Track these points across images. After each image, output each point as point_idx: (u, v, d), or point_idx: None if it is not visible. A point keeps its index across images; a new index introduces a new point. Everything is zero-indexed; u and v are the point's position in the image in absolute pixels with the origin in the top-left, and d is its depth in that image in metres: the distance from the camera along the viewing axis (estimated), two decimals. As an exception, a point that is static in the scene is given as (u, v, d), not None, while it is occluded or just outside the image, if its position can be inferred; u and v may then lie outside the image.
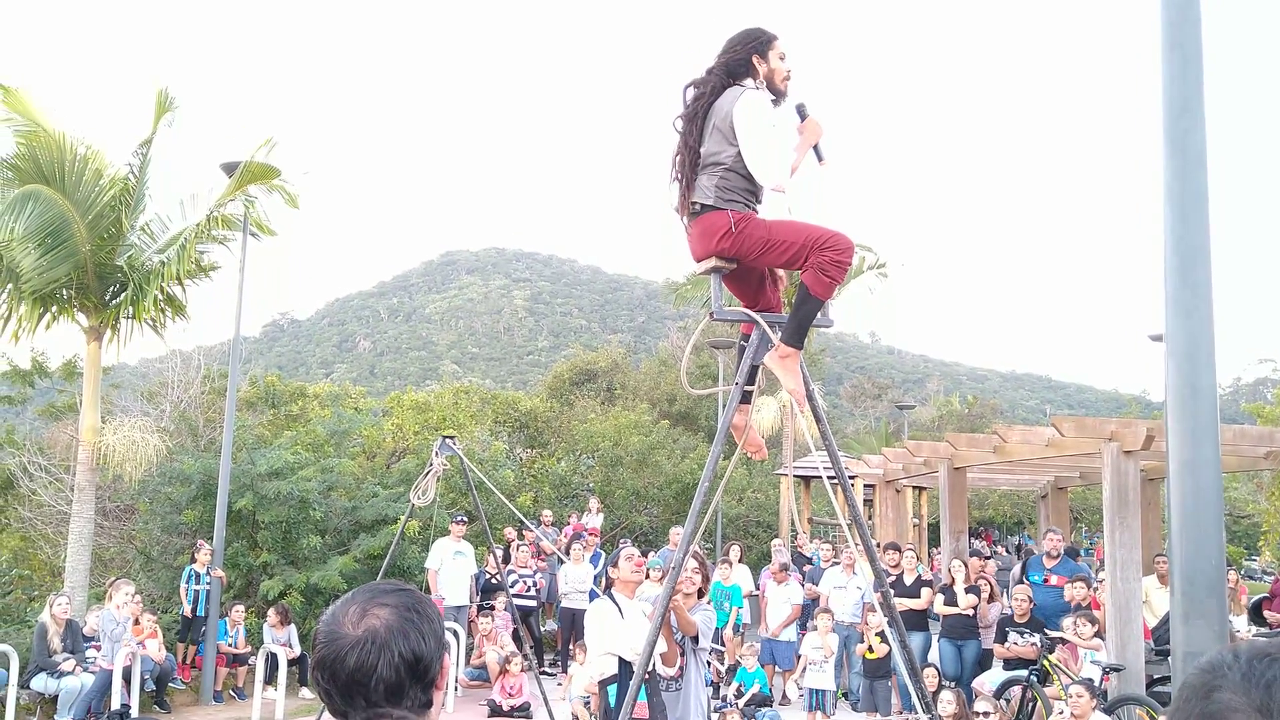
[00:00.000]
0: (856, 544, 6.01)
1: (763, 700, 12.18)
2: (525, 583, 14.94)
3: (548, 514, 18.66)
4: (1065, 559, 12.52)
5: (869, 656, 11.48)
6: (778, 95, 4.89)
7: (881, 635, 11.47)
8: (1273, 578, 14.72)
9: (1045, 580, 12.10)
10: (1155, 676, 10.60)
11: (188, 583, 13.48)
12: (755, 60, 4.85)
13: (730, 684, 12.48)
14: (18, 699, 11.00)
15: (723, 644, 13.37)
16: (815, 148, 4.90)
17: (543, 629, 16.16)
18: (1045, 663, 10.32)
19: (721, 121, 4.75)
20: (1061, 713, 8.68)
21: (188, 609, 13.40)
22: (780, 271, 5.26)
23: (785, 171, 4.77)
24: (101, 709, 11.15)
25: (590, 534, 17.22)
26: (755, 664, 12.42)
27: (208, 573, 13.39)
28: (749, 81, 4.84)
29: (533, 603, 15.04)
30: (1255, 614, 12.82)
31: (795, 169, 4.90)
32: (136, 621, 11.99)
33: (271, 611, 13.57)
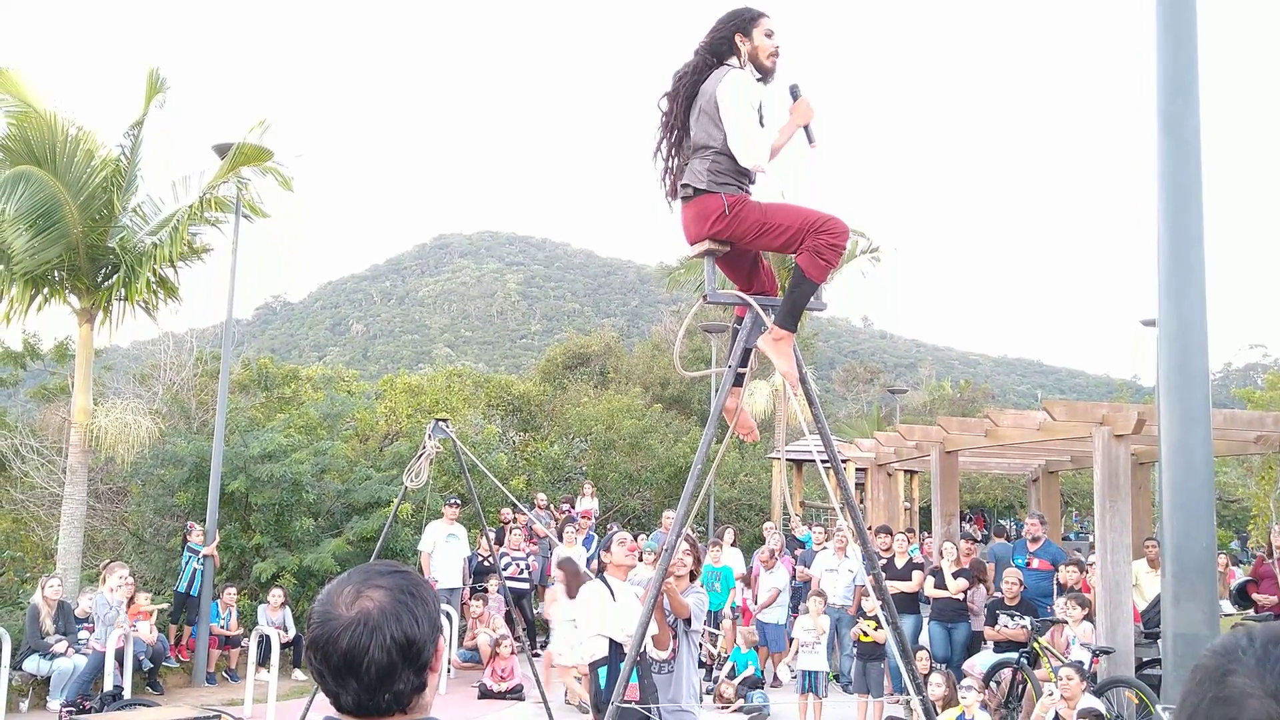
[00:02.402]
0: (848, 527, 6.03)
1: (754, 682, 12.23)
2: (518, 565, 14.97)
3: (542, 497, 18.68)
4: (1048, 543, 12.58)
5: (864, 639, 11.53)
6: (764, 73, 4.86)
7: (877, 620, 11.50)
8: (1255, 559, 14.77)
9: (1028, 564, 12.17)
10: (1144, 659, 10.66)
11: (186, 562, 13.52)
12: (738, 39, 4.83)
13: (723, 666, 12.54)
14: (10, 680, 11.00)
15: (718, 627, 13.42)
16: (806, 129, 4.88)
17: (535, 611, 16.21)
18: (1035, 645, 10.37)
19: (708, 104, 4.74)
20: (1051, 694, 8.74)
21: (184, 585, 13.44)
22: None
23: (765, 152, 4.75)
24: (91, 691, 11.17)
25: (583, 517, 17.25)
26: (748, 646, 12.47)
27: (200, 547, 13.44)
28: (733, 61, 4.83)
29: (525, 585, 15.08)
30: (1241, 596, 12.88)
31: (780, 149, 4.88)
32: (132, 600, 12.02)
33: (278, 592, 13.60)
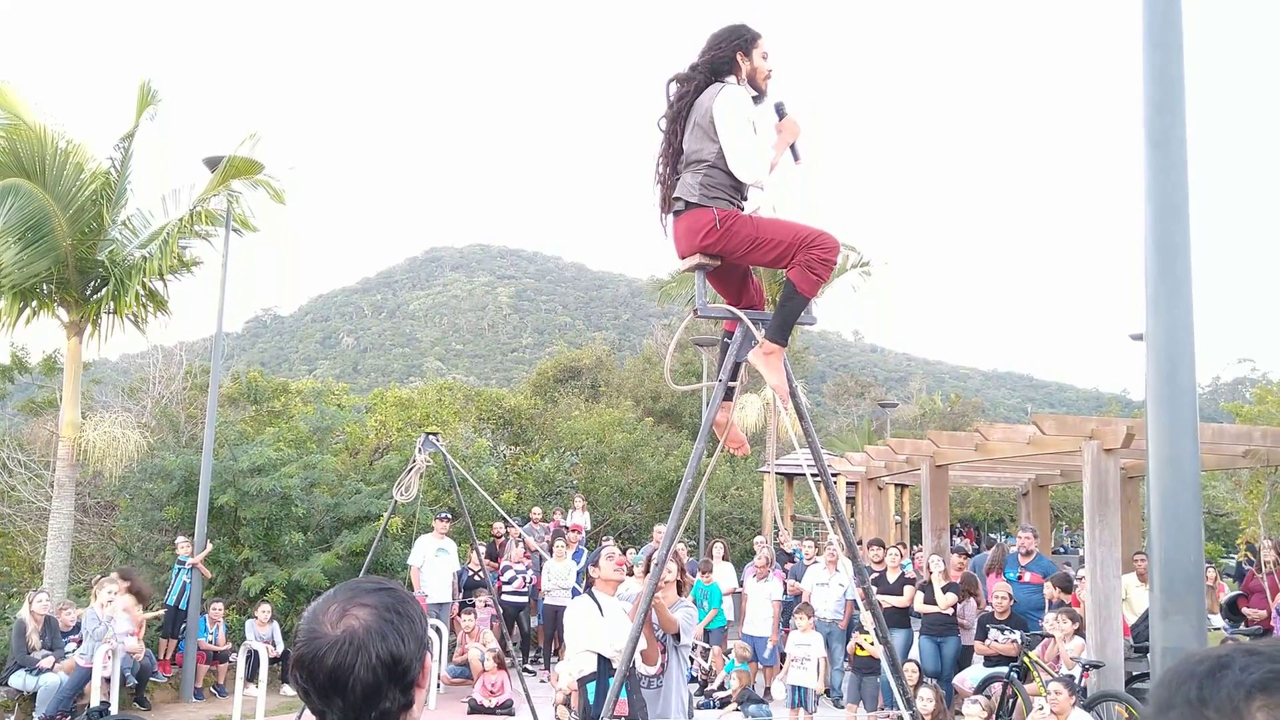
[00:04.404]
0: (839, 541, 6.03)
1: (751, 697, 12.22)
2: (522, 579, 14.97)
3: (537, 511, 18.64)
4: (1039, 557, 12.57)
5: (859, 654, 11.50)
6: (759, 93, 4.90)
7: (873, 634, 11.48)
8: (1245, 574, 14.80)
9: (1020, 577, 12.16)
10: (1134, 673, 10.66)
11: (176, 574, 13.47)
12: (739, 57, 4.86)
13: (715, 680, 12.51)
14: (-4, 696, 10.93)
15: (707, 643, 13.39)
16: (792, 147, 4.90)
17: (531, 626, 16.15)
18: (1025, 659, 10.36)
19: (702, 118, 4.75)
20: (1042, 709, 8.73)
21: (173, 599, 13.37)
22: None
23: (765, 167, 4.77)
24: (70, 708, 11.09)
25: (573, 530, 17.20)
26: (741, 659, 12.45)
27: (189, 559, 13.39)
28: (730, 79, 4.84)
29: (525, 598, 15.00)
30: (1231, 610, 12.90)
31: (774, 167, 4.90)
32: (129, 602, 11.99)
33: (267, 606, 13.53)
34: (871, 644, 11.32)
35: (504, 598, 14.88)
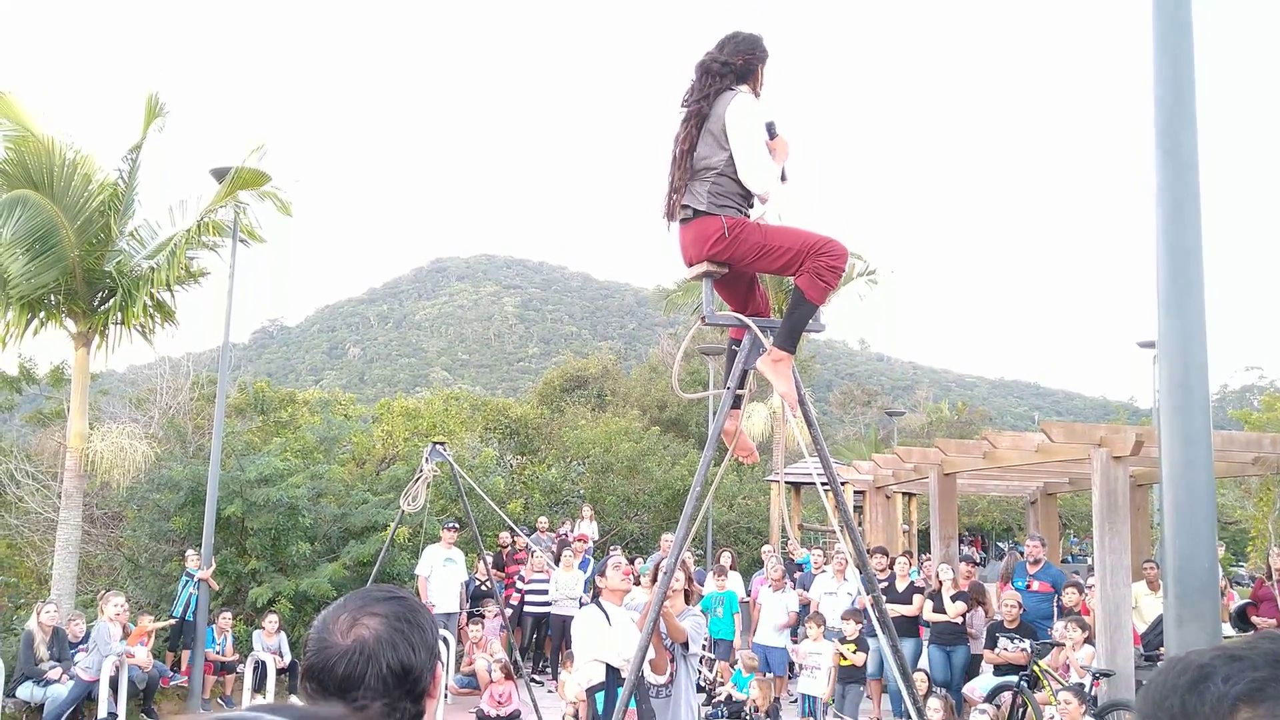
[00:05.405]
0: (848, 549, 6.00)
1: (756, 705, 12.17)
2: (521, 593, 14.93)
3: (544, 521, 18.62)
4: (1047, 565, 12.53)
5: (842, 663, 11.44)
6: None
7: (856, 643, 11.42)
8: (1255, 581, 14.73)
9: (1028, 586, 12.12)
10: (1145, 682, 10.60)
11: (184, 586, 13.46)
12: (760, 69, 4.87)
13: (721, 692, 12.46)
14: (3, 707, 10.92)
15: (714, 654, 13.32)
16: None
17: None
18: (1035, 668, 10.31)
19: (714, 124, 4.72)
20: (1052, 718, 8.69)
21: (180, 610, 13.36)
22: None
23: (774, 177, 4.76)
24: (84, 716, 11.08)
25: (578, 540, 17.17)
26: (747, 670, 12.40)
27: (196, 572, 13.38)
28: (744, 87, 4.83)
29: (547, 609, 14.92)
30: (1240, 619, 12.83)
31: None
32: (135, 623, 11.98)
33: (274, 617, 13.49)
34: (855, 651, 11.30)
35: (526, 607, 14.88)
